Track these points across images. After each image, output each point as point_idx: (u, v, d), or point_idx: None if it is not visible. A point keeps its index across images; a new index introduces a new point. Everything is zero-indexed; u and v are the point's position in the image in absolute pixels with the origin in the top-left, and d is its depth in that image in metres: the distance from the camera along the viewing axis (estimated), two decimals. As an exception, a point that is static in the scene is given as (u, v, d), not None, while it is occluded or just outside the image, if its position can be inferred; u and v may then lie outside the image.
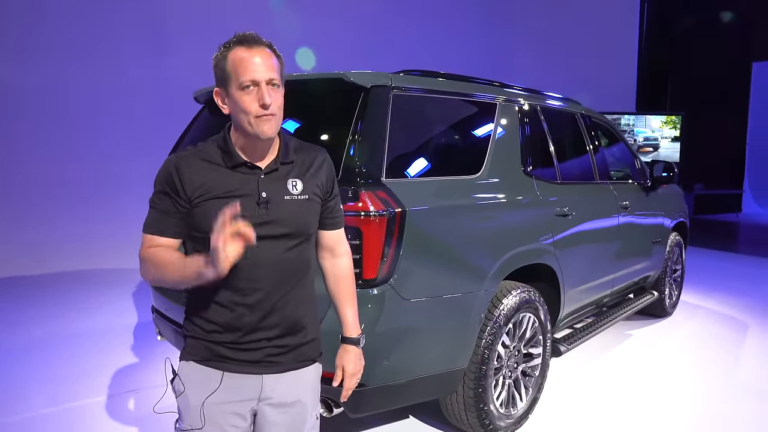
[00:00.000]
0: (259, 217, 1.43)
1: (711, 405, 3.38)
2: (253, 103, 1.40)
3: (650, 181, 4.59)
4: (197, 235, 1.47)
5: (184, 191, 1.44)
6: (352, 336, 1.69)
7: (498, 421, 2.78)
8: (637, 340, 4.51)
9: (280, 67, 1.46)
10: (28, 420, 3.02)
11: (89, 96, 7.15)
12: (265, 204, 1.45)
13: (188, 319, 1.55)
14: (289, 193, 1.49)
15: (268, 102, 1.39)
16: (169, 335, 2.93)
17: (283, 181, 1.49)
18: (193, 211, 1.45)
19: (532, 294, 2.92)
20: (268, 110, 1.40)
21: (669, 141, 11.53)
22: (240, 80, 1.39)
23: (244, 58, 1.40)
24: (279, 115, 1.44)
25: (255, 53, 1.41)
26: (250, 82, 1.39)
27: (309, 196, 1.52)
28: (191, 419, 1.49)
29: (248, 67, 1.39)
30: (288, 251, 1.49)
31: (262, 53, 1.41)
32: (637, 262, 4.38)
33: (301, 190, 1.51)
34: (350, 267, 1.72)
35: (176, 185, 1.45)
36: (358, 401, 2.24)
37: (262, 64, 1.40)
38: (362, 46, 9.13)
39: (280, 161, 1.50)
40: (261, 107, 1.39)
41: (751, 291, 6.20)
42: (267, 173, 1.48)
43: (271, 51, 1.45)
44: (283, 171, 1.51)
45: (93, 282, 6.06)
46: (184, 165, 1.46)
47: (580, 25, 11.81)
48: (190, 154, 1.50)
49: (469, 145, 2.92)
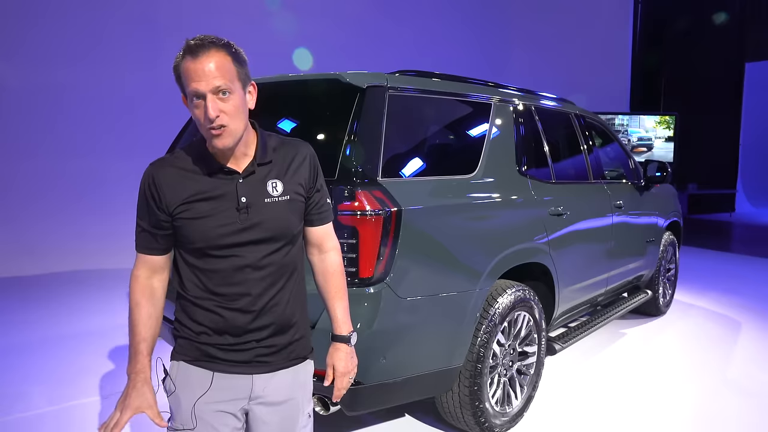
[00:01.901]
0: (240, 223, 1.42)
1: (703, 402, 3.41)
2: (201, 116, 1.35)
3: (644, 180, 4.63)
4: (186, 245, 1.47)
5: (163, 203, 1.43)
6: (342, 334, 1.65)
7: (493, 419, 2.80)
8: (631, 339, 4.55)
9: (235, 68, 1.37)
10: (23, 420, 3.03)
11: (85, 96, 7.13)
12: (245, 209, 1.43)
13: (178, 320, 1.55)
14: (269, 195, 1.46)
15: (212, 115, 1.33)
16: (165, 334, 2.93)
17: (262, 183, 1.46)
18: (176, 224, 1.45)
19: (527, 293, 2.94)
20: (214, 124, 1.34)
21: (663, 141, 11.59)
22: (187, 92, 1.36)
23: (189, 68, 1.33)
24: (233, 124, 1.37)
25: (200, 61, 1.32)
26: (194, 95, 1.34)
27: (290, 196, 1.50)
28: (183, 419, 1.49)
29: (192, 78, 1.33)
30: (272, 255, 1.48)
31: (208, 59, 1.32)
32: (631, 261, 4.41)
33: (282, 191, 1.48)
34: (339, 262, 1.67)
35: (155, 198, 1.44)
36: (355, 399, 2.25)
37: (207, 73, 1.32)
38: (357, 47, 9.14)
39: (257, 163, 1.47)
40: (206, 121, 1.35)
41: (744, 290, 6.25)
42: (245, 177, 1.45)
43: (223, 52, 1.35)
44: (262, 173, 1.47)
45: (88, 282, 6.05)
46: (161, 176, 1.44)
47: (574, 26, 11.87)
48: (166, 163, 1.47)
49: (464, 145, 2.94)
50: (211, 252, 1.44)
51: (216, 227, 1.42)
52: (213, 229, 1.42)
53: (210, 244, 1.43)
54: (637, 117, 11.76)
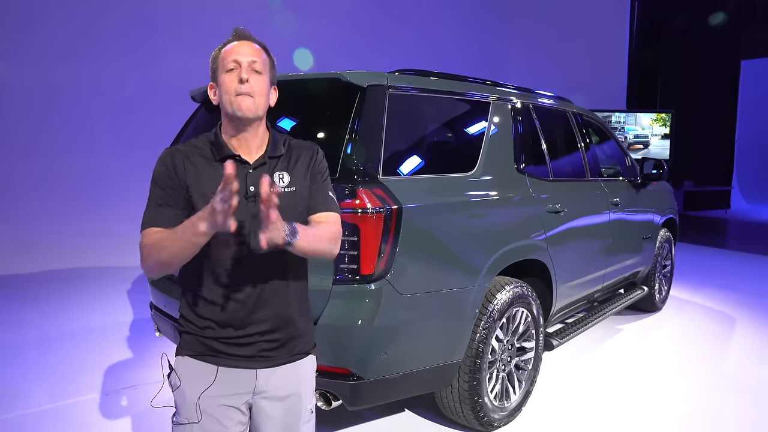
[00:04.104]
0: (248, 210, 1.47)
1: (699, 397, 3.45)
2: (233, 80, 1.47)
3: (640, 178, 4.66)
4: None
5: (179, 179, 1.49)
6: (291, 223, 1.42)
7: (492, 413, 2.84)
8: (628, 335, 4.59)
9: (267, 61, 1.54)
10: (25, 417, 3.04)
11: (83, 94, 7.12)
12: (253, 198, 1.48)
13: (182, 315, 1.58)
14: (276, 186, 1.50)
15: (245, 77, 1.46)
16: (167, 331, 2.96)
17: (270, 175, 1.53)
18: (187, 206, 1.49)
19: (525, 289, 2.97)
20: (244, 86, 1.46)
21: (659, 138, 11.63)
22: (225, 63, 1.50)
23: (233, 47, 1.52)
24: (258, 99, 1.49)
25: (244, 44, 1.52)
26: (232, 63, 1.49)
27: (296, 188, 1.55)
28: (188, 413, 1.52)
29: (234, 52, 1.50)
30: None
31: (251, 46, 1.53)
32: (628, 257, 4.45)
33: (288, 182, 1.54)
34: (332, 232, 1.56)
35: (171, 175, 1.50)
36: (356, 394, 2.28)
37: (246, 50, 1.50)
38: (356, 46, 9.15)
39: (268, 155, 1.54)
40: (239, 83, 1.46)
41: (739, 286, 6.30)
42: (255, 167, 1.51)
43: (260, 47, 1.54)
44: (271, 165, 1.55)
45: (87, 280, 6.05)
46: (177, 155, 1.52)
47: (572, 25, 11.90)
48: (182, 146, 1.56)
49: (463, 143, 2.96)
50: (217, 236, 1.44)
51: None
52: None
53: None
54: (634, 115, 11.80)
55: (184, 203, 1.49)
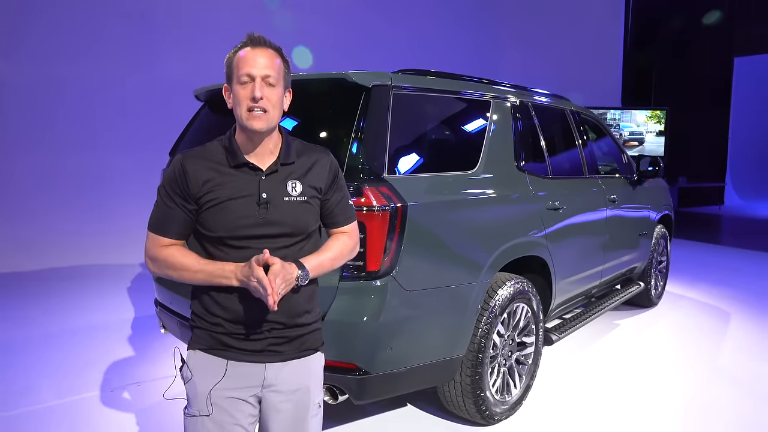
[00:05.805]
0: (259, 217, 1.51)
1: (695, 391, 3.51)
2: (246, 97, 1.49)
3: (637, 175, 4.72)
4: (206, 233, 1.54)
5: (190, 189, 1.52)
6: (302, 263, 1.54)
7: (494, 407, 2.89)
8: (625, 330, 4.65)
9: (282, 68, 1.54)
10: (32, 413, 3.07)
11: (84, 92, 7.11)
12: (265, 204, 1.52)
13: (194, 312, 1.63)
14: (288, 195, 1.56)
15: (258, 95, 1.47)
16: (173, 328, 2.98)
17: (283, 183, 1.56)
18: (200, 212, 1.53)
19: (526, 285, 3.02)
20: (257, 104, 1.47)
21: (654, 135, 11.72)
22: (238, 74, 1.50)
23: (247, 55, 1.50)
24: (272, 112, 1.51)
25: (258, 52, 1.51)
26: (246, 76, 1.49)
27: (307, 198, 1.59)
28: (199, 405, 1.56)
29: (248, 63, 1.49)
30: (287, 248, 1.55)
31: (264, 53, 1.51)
32: (625, 254, 4.50)
33: (300, 191, 1.57)
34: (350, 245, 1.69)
35: (182, 184, 1.53)
36: (362, 388, 2.33)
37: (261, 62, 1.49)
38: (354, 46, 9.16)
39: (280, 162, 1.57)
40: (251, 100, 1.48)
41: (733, 281, 6.38)
42: (268, 174, 1.55)
43: (275, 53, 1.54)
44: (284, 172, 1.57)
45: (88, 278, 6.06)
46: (189, 164, 1.54)
47: (566, 22, 11.95)
48: (195, 153, 1.57)
49: (465, 142, 3.01)
50: (229, 242, 1.53)
51: (236, 218, 1.51)
52: (233, 221, 1.51)
53: (229, 234, 1.51)
54: (629, 112, 11.88)
55: (191, 210, 1.54)
